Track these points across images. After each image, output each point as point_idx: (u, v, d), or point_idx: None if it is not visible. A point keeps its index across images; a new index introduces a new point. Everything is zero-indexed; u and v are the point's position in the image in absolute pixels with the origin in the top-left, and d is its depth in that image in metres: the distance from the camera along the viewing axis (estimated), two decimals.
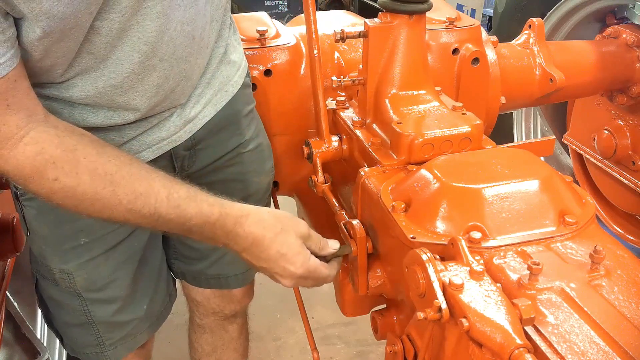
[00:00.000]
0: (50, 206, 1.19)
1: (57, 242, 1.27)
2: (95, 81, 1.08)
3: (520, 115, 2.59)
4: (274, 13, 5.38)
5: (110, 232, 1.28)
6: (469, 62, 1.63)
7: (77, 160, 0.98)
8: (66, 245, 1.27)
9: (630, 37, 1.95)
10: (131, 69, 1.09)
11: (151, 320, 1.44)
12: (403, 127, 1.23)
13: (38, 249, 1.30)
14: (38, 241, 1.29)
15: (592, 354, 0.80)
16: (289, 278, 1.13)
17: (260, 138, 1.48)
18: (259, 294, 1.72)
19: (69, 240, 1.26)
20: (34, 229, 1.28)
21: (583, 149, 2.28)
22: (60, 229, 1.25)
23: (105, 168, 1.00)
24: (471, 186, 1.02)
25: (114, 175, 1.00)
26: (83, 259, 1.28)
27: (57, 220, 1.24)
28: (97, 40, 1.01)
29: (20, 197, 1.25)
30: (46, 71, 1.02)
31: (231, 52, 1.34)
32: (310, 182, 1.40)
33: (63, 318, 1.38)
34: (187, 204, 1.05)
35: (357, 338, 2.53)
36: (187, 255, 1.54)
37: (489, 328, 0.80)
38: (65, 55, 1.00)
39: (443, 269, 0.88)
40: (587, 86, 1.97)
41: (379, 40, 1.32)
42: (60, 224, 1.25)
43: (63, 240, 1.26)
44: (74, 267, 1.28)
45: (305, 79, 1.56)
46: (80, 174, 0.98)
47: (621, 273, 0.92)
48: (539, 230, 0.99)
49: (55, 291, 1.33)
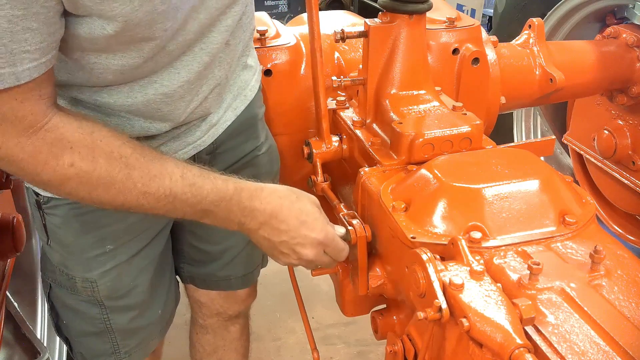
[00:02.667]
0: (75, 214, 1.20)
1: (82, 250, 1.25)
2: (145, 88, 1.06)
3: (520, 115, 2.59)
4: (274, 13, 5.38)
5: (135, 237, 1.27)
6: (469, 62, 1.63)
7: (94, 143, 0.96)
8: (91, 253, 1.25)
9: (630, 37, 1.95)
10: (187, 78, 1.08)
11: (162, 325, 1.44)
12: (403, 127, 1.23)
13: (60, 258, 1.27)
14: (60, 250, 1.26)
15: (592, 353, 0.80)
16: (311, 246, 1.11)
17: (270, 140, 1.49)
18: (259, 294, 1.72)
19: (94, 248, 1.25)
20: (58, 238, 1.25)
21: (583, 149, 2.28)
22: (86, 236, 1.24)
23: (121, 151, 0.98)
24: (471, 186, 1.02)
25: (129, 158, 0.99)
26: (107, 266, 1.26)
27: (83, 228, 1.23)
28: (160, 52, 1.01)
29: (43, 205, 1.22)
30: (97, 72, 1.00)
31: (249, 56, 1.34)
32: (310, 182, 1.40)
33: (78, 327, 1.35)
34: (202, 181, 1.04)
35: (357, 338, 2.53)
36: (197, 259, 1.53)
37: (489, 328, 0.80)
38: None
39: (443, 269, 0.88)
40: (587, 86, 1.97)
41: (379, 40, 1.32)
42: (87, 231, 1.23)
43: (88, 248, 1.25)
44: (98, 275, 1.26)
45: (305, 79, 1.56)
46: (97, 157, 0.96)
47: (621, 273, 0.92)
48: (539, 230, 0.99)
49: (72, 300, 1.30)
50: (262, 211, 1.08)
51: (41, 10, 0.81)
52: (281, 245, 1.12)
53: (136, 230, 1.27)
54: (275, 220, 1.09)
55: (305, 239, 1.11)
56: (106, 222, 1.23)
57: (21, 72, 0.85)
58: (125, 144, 0.99)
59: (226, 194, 1.06)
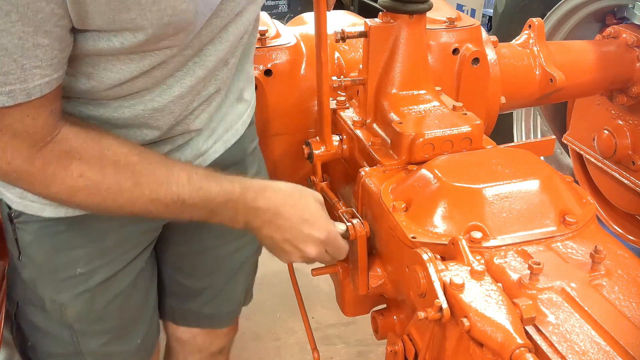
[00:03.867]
0: (47, 232, 1.15)
1: (52, 270, 1.20)
2: (135, 105, 1.04)
3: (520, 115, 2.59)
4: (274, 13, 5.38)
5: (110, 261, 1.23)
6: (469, 62, 1.63)
7: (102, 152, 0.95)
8: (61, 274, 1.20)
9: (630, 37, 1.96)
10: (179, 93, 1.06)
11: (143, 355, 1.40)
12: (403, 127, 1.23)
13: (30, 276, 1.22)
14: (31, 268, 1.21)
15: (593, 353, 0.80)
16: (313, 244, 1.11)
17: (262, 174, 1.47)
18: (259, 294, 1.72)
19: (65, 269, 1.20)
20: (28, 255, 1.20)
21: (583, 149, 2.28)
22: (57, 256, 1.19)
23: (128, 159, 0.97)
24: (472, 186, 1.02)
25: (136, 165, 0.98)
26: (78, 290, 1.21)
27: (54, 247, 1.18)
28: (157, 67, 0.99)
29: (15, 218, 1.17)
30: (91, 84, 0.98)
31: (246, 90, 1.32)
32: (309, 182, 1.40)
33: (46, 348, 1.28)
34: (209, 184, 1.04)
35: (357, 338, 2.53)
36: (180, 294, 1.50)
37: (489, 328, 0.80)
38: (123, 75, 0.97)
39: (444, 269, 0.88)
40: (587, 86, 1.97)
41: (379, 40, 1.32)
42: (57, 251, 1.18)
43: (58, 269, 1.20)
44: (68, 298, 1.21)
45: (305, 79, 1.56)
46: (105, 167, 0.95)
47: (621, 273, 0.92)
48: (539, 230, 0.99)
49: (42, 319, 1.25)
50: (266, 210, 1.08)
51: (53, 28, 0.81)
52: (284, 243, 1.12)
53: (111, 253, 1.22)
54: (278, 219, 1.09)
55: (308, 237, 1.11)
56: (79, 243, 1.19)
57: (32, 89, 0.84)
58: (131, 151, 0.99)
59: (232, 195, 1.06)
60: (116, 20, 0.84)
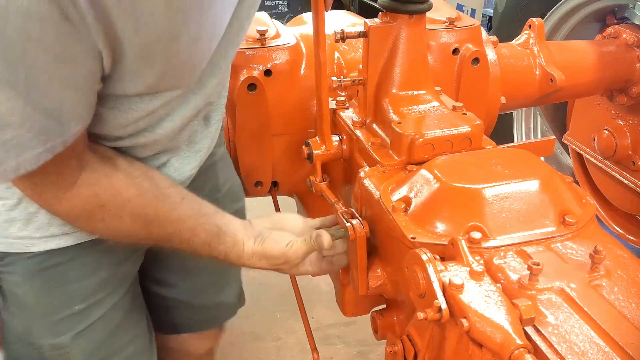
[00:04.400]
0: (37, 268, 1.10)
1: (47, 312, 1.13)
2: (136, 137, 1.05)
3: (520, 115, 2.59)
4: (274, 13, 5.38)
5: (108, 293, 1.19)
6: (469, 62, 1.63)
7: (123, 203, 1.00)
8: (58, 315, 1.14)
9: (630, 37, 1.95)
10: (180, 123, 1.08)
11: None
12: (403, 127, 1.23)
13: (22, 324, 1.14)
14: (22, 314, 1.14)
15: (592, 354, 0.80)
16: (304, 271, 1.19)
17: (231, 179, 1.48)
18: (259, 294, 1.72)
19: (62, 308, 1.14)
20: (18, 300, 1.12)
21: (583, 149, 2.28)
22: (50, 295, 1.13)
23: (145, 211, 1.02)
24: (471, 186, 1.02)
25: (149, 216, 1.03)
26: (79, 328, 1.15)
27: (46, 284, 1.12)
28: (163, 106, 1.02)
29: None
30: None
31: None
32: (309, 183, 1.40)
33: None
34: (216, 245, 1.10)
35: (357, 338, 2.53)
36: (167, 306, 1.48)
37: (489, 328, 0.80)
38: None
39: (443, 269, 0.88)
40: (587, 86, 1.96)
41: (379, 40, 1.32)
42: (52, 289, 1.13)
43: (54, 309, 1.13)
44: (69, 339, 1.15)
45: (305, 79, 1.56)
46: (124, 217, 1.00)
47: (621, 273, 0.92)
48: (539, 231, 0.99)
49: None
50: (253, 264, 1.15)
51: (93, 86, 0.84)
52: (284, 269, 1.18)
53: (109, 285, 1.19)
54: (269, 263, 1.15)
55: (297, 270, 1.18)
56: (74, 276, 1.14)
57: (69, 137, 0.86)
58: (149, 204, 1.03)
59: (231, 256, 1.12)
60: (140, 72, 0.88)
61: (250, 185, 1.61)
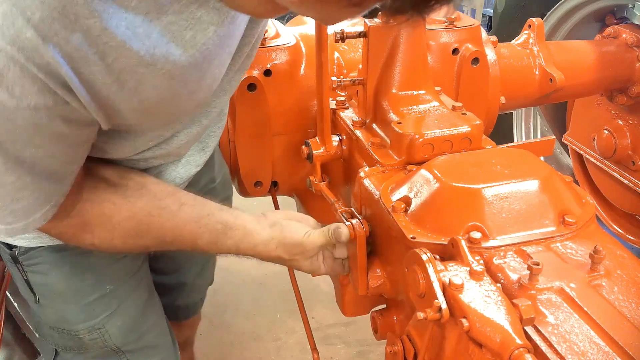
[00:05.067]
0: (65, 255, 1.13)
1: (81, 295, 1.16)
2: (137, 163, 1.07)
3: (520, 115, 2.59)
4: None
5: (132, 274, 1.23)
6: (469, 62, 1.63)
7: (114, 227, 1.01)
8: (90, 296, 1.16)
9: (630, 37, 1.95)
10: (186, 140, 1.09)
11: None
12: (403, 127, 1.23)
13: (56, 315, 1.17)
14: (54, 304, 1.16)
15: (592, 354, 0.80)
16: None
17: (223, 168, 1.50)
18: (259, 294, 1.72)
19: (93, 290, 1.16)
20: (48, 290, 1.15)
21: (583, 149, 2.28)
22: (82, 278, 1.16)
23: (138, 229, 1.03)
24: (471, 186, 1.02)
25: (144, 235, 1.04)
26: (112, 307, 1.18)
27: (75, 269, 1.15)
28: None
29: (21, 256, 1.13)
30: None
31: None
32: (308, 182, 1.40)
33: None
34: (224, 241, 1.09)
35: (357, 338, 2.53)
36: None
37: (489, 328, 0.80)
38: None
39: (443, 269, 0.88)
40: (587, 86, 1.96)
41: (379, 40, 1.32)
42: (81, 272, 1.15)
43: (87, 291, 1.16)
44: (105, 319, 1.17)
45: (305, 79, 1.56)
46: (115, 239, 1.02)
47: (621, 273, 0.92)
48: (538, 230, 0.99)
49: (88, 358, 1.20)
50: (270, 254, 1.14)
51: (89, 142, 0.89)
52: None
53: (134, 265, 1.23)
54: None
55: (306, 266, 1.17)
56: (102, 261, 1.17)
57: (68, 188, 0.91)
58: (141, 222, 1.03)
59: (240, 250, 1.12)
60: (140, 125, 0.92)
61: (250, 185, 1.61)
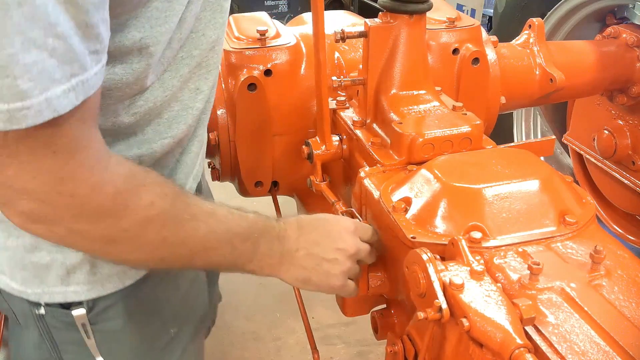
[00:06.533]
0: (134, 300, 1.02)
1: (150, 344, 1.07)
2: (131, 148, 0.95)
3: (520, 115, 2.59)
4: (274, 13, 5.37)
5: (189, 310, 1.14)
6: (469, 62, 1.63)
7: (158, 181, 0.86)
8: (158, 343, 1.09)
9: (630, 37, 1.95)
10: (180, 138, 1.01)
11: None
12: (403, 127, 1.23)
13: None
14: (125, 357, 1.06)
15: (593, 353, 0.80)
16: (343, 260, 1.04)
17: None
18: (259, 294, 1.72)
19: (160, 335, 1.09)
20: (119, 348, 1.04)
21: (583, 149, 2.28)
22: (150, 323, 1.07)
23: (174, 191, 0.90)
24: (471, 186, 1.02)
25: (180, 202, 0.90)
26: (177, 353, 1.11)
27: (143, 317, 1.04)
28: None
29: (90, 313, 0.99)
30: None
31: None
32: (309, 182, 1.40)
33: None
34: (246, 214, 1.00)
35: (357, 338, 2.53)
36: None
37: (489, 328, 0.80)
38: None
39: (443, 269, 0.88)
40: (587, 86, 1.96)
41: (379, 40, 1.32)
42: (148, 317, 1.06)
43: (155, 338, 1.08)
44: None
45: (305, 79, 1.56)
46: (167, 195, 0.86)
47: (621, 273, 0.92)
48: (539, 230, 0.99)
49: None
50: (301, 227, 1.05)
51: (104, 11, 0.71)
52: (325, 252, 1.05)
53: (188, 298, 1.13)
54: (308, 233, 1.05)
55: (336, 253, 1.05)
56: (164, 297, 1.07)
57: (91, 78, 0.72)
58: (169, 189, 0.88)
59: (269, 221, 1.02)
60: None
61: (250, 185, 1.61)
